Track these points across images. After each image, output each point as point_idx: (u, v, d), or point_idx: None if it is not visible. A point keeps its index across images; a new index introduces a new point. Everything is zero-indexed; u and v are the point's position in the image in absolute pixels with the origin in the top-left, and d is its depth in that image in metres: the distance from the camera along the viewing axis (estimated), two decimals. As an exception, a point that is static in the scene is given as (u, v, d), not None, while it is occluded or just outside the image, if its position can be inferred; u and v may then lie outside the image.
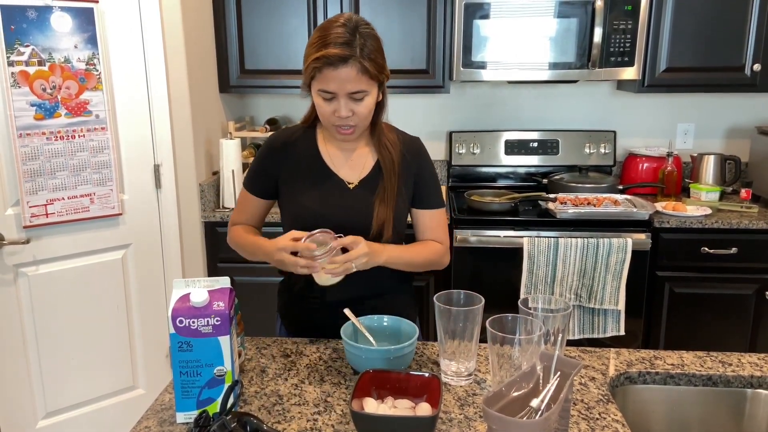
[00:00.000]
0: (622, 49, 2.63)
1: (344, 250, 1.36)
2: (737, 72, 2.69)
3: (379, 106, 1.48)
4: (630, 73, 2.66)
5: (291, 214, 1.51)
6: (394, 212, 1.48)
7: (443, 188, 3.10)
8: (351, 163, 1.52)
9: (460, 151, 3.07)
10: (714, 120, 3.10)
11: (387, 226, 1.46)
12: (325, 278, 1.37)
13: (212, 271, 2.71)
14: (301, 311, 1.57)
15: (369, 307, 1.45)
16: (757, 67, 2.66)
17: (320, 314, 1.52)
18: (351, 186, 1.50)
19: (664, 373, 1.32)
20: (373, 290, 1.52)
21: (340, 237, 1.36)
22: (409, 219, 1.58)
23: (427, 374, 1.14)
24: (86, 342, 2.34)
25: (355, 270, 1.36)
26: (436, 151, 3.20)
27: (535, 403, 1.01)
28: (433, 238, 1.56)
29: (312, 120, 1.54)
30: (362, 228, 1.45)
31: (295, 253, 1.35)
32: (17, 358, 2.21)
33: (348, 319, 1.36)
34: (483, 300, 1.25)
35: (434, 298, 1.26)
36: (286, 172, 1.52)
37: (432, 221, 1.57)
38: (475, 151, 3.07)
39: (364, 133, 1.51)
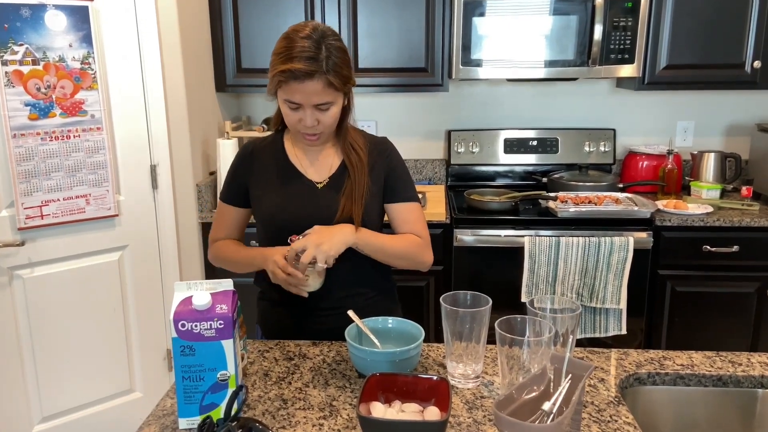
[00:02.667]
0: (622, 47, 2.61)
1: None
2: (737, 69, 2.68)
3: (345, 111, 1.48)
4: (630, 70, 2.65)
5: (262, 215, 1.52)
6: (363, 209, 1.46)
7: (442, 187, 3.08)
8: (318, 163, 1.53)
9: (459, 150, 3.05)
10: (714, 117, 3.09)
11: (356, 223, 1.44)
12: (306, 285, 1.38)
13: (210, 272, 2.68)
14: (282, 317, 1.56)
15: (353, 307, 1.41)
16: (757, 64, 2.65)
17: (305, 320, 1.52)
18: (319, 185, 1.51)
19: (673, 373, 1.30)
20: (353, 291, 1.51)
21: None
22: (386, 219, 1.57)
23: (435, 377, 1.12)
24: (82, 345, 2.30)
25: (326, 264, 1.34)
26: (435, 150, 3.18)
27: (546, 406, 0.99)
28: (411, 231, 1.52)
29: (280, 124, 1.56)
30: (336, 223, 1.44)
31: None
32: (12, 362, 2.17)
33: (342, 321, 1.34)
34: (490, 301, 1.23)
35: (441, 300, 1.24)
36: (255, 177, 1.53)
37: (409, 214, 1.53)
38: (474, 150, 3.05)
39: (330, 135, 1.52)
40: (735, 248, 2.53)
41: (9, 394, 2.18)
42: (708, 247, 2.54)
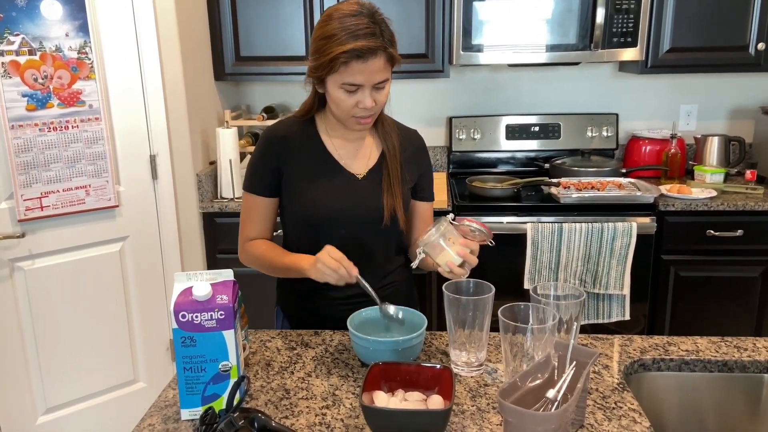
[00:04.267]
0: (624, 30, 2.58)
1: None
2: (741, 51, 2.65)
3: None
4: (632, 54, 2.61)
5: (299, 208, 1.45)
6: (402, 199, 1.47)
7: (443, 174, 3.06)
8: (357, 154, 1.48)
9: (461, 137, 3.03)
10: (717, 101, 3.06)
11: (399, 213, 1.45)
12: (447, 259, 1.29)
13: (211, 262, 2.67)
14: (307, 304, 1.53)
15: (380, 296, 1.42)
16: (761, 46, 2.62)
17: (331, 308, 1.49)
18: (359, 177, 1.47)
19: (678, 359, 1.29)
20: (378, 283, 1.48)
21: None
22: None
23: (438, 366, 1.11)
24: (85, 336, 2.30)
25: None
26: (436, 137, 3.16)
27: (551, 394, 0.98)
28: (427, 226, 1.54)
29: (308, 113, 1.48)
30: (376, 218, 1.44)
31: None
32: (15, 354, 2.17)
33: (352, 310, 1.33)
34: (493, 288, 1.22)
35: (443, 287, 1.23)
36: (289, 166, 1.44)
37: (429, 212, 1.61)
38: (475, 137, 3.02)
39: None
40: (739, 232, 2.52)
41: (13, 386, 2.18)
42: (712, 231, 2.52)
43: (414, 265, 1.40)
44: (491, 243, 1.37)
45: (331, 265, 1.28)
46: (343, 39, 1.27)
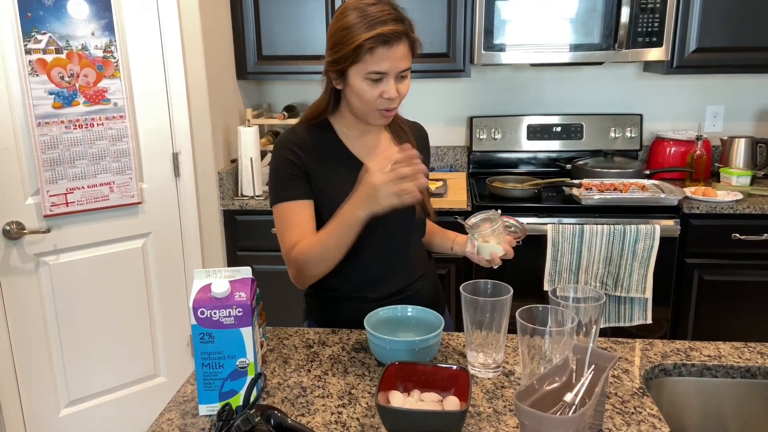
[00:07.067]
0: (650, 29, 2.54)
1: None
2: (770, 52, 2.60)
3: None
4: (658, 54, 2.58)
5: (330, 213, 1.35)
6: (425, 195, 1.48)
7: (463, 174, 3.04)
8: (377, 151, 1.46)
9: (481, 137, 3.01)
10: (744, 102, 3.00)
11: (427, 205, 1.47)
12: (492, 250, 1.38)
13: (232, 259, 2.69)
14: (343, 311, 1.49)
15: (412, 293, 1.48)
16: (791, 46, 2.56)
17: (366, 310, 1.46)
18: None
19: (700, 364, 1.27)
20: (413, 277, 1.51)
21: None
22: None
23: (455, 367, 1.11)
24: (108, 330, 2.34)
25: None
26: (457, 137, 3.14)
27: (569, 397, 0.97)
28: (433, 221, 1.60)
29: (321, 114, 1.44)
30: (408, 213, 1.43)
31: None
32: (39, 347, 2.21)
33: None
34: (511, 290, 1.21)
35: (461, 288, 1.22)
36: (313, 171, 1.40)
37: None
38: (496, 137, 3.01)
39: None
40: (765, 236, 2.46)
41: (37, 379, 2.23)
42: (737, 235, 2.48)
43: (469, 249, 1.42)
44: (519, 242, 1.42)
45: (401, 173, 1.18)
46: (367, 26, 1.26)
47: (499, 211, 1.39)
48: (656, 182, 2.64)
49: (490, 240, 1.38)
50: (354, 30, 1.27)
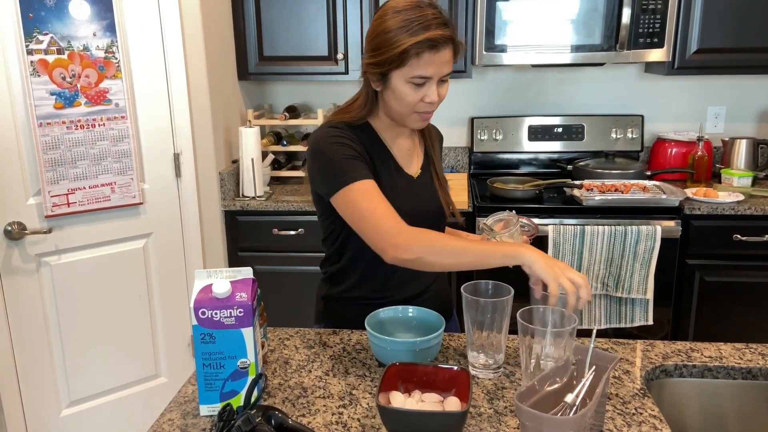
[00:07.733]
0: (651, 30, 2.54)
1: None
2: (771, 53, 2.59)
3: None
4: (659, 54, 2.58)
5: None
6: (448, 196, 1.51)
7: (464, 175, 3.05)
8: (409, 153, 1.46)
9: (482, 138, 3.01)
10: (746, 103, 3.00)
11: (453, 207, 1.48)
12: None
13: (233, 260, 2.69)
14: (359, 314, 1.42)
15: (431, 294, 1.50)
16: (792, 47, 2.56)
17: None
18: (415, 177, 1.46)
19: (701, 366, 1.27)
20: (431, 278, 1.52)
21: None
22: None
23: (455, 367, 1.11)
24: (109, 331, 2.34)
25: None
26: (458, 138, 3.15)
27: (569, 398, 0.97)
28: None
29: (362, 116, 1.39)
30: (438, 214, 1.45)
31: None
32: (40, 348, 2.22)
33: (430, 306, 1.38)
34: (512, 291, 1.21)
35: (462, 289, 1.22)
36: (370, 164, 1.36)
37: None
38: (497, 138, 3.01)
39: None
40: (766, 237, 2.46)
41: (38, 379, 2.23)
42: (738, 236, 2.48)
43: None
44: (530, 240, 1.45)
45: (578, 280, 1.15)
46: (414, 30, 1.23)
47: (514, 212, 1.41)
48: (657, 183, 2.64)
49: (508, 241, 1.40)
50: (400, 33, 1.24)
